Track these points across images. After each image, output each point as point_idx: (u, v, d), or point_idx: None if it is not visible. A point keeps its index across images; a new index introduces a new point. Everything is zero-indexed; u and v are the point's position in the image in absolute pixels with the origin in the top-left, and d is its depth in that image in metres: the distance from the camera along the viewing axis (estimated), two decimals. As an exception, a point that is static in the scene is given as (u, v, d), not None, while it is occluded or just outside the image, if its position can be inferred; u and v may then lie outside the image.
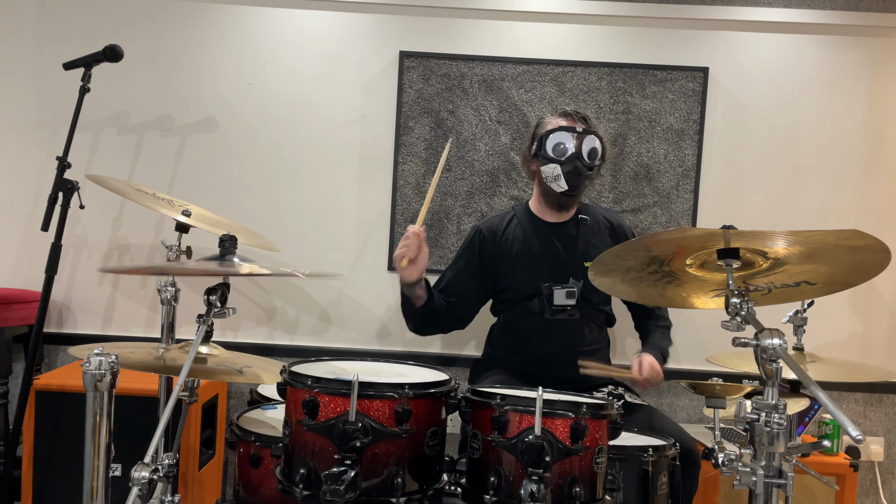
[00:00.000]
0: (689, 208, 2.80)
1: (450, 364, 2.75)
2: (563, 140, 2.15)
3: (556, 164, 2.15)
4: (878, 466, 2.86)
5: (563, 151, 2.14)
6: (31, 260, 2.77)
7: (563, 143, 2.14)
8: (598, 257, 1.53)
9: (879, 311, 2.83)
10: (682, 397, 2.85)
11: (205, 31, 2.80)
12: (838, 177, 2.81)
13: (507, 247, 2.27)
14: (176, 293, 2.05)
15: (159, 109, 2.80)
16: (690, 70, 2.78)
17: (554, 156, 2.15)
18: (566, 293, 2.18)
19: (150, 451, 1.30)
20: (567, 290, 2.18)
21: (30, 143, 2.78)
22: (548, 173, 2.18)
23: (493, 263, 2.28)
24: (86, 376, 1.25)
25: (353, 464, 1.36)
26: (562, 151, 2.15)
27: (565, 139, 2.14)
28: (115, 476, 1.99)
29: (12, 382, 2.63)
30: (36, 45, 2.78)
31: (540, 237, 2.26)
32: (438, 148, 2.78)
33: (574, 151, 2.14)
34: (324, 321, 2.84)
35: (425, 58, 2.78)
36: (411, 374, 1.67)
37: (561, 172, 2.15)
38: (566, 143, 2.14)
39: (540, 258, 2.23)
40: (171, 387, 1.97)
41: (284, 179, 2.81)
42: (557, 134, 2.15)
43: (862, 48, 2.79)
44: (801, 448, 1.89)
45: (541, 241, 2.25)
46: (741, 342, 1.33)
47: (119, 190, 2.18)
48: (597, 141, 2.17)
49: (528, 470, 1.35)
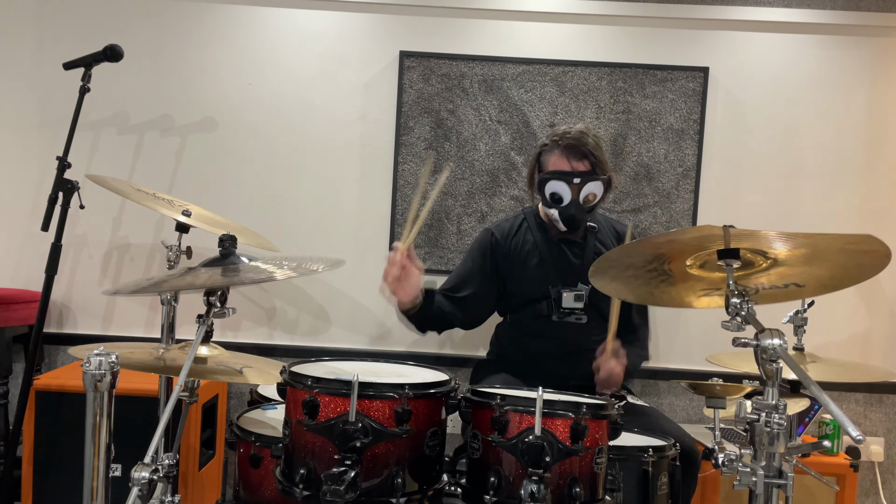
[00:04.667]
0: (689, 208, 2.80)
1: (450, 364, 2.75)
2: (558, 190, 2.13)
3: (554, 209, 2.16)
4: (878, 466, 2.86)
5: (560, 200, 2.14)
6: (31, 260, 2.77)
7: (558, 193, 2.13)
8: (607, 252, 1.54)
9: (880, 310, 2.83)
10: (682, 397, 2.85)
11: (205, 31, 2.80)
12: (838, 177, 2.81)
13: (518, 250, 2.28)
14: (175, 293, 2.05)
15: (159, 109, 2.80)
16: (690, 70, 2.78)
17: (551, 202, 2.15)
18: (575, 296, 2.18)
19: (150, 451, 1.30)
20: (576, 294, 2.18)
21: (30, 143, 2.78)
22: (547, 212, 2.20)
23: (504, 266, 2.29)
24: (86, 376, 1.25)
25: (353, 464, 1.36)
26: (558, 200, 2.14)
27: (561, 190, 2.12)
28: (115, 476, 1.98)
29: (12, 382, 2.63)
30: (36, 45, 2.78)
31: (550, 243, 2.26)
32: (439, 148, 2.79)
33: (570, 200, 2.12)
34: (324, 321, 2.84)
35: (425, 58, 2.78)
36: (411, 375, 1.67)
37: (559, 218, 2.16)
38: (562, 193, 2.12)
39: (549, 263, 2.24)
40: (171, 387, 1.97)
41: (284, 179, 2.81)
42: (552, 184, 2.12)
43: (862, 48, 2.79)
44: (801, 448, 1.89)
45: (550, 247, 2.26)
46: (741, 342, 1.32)
47: (119, 190, 2.18)
48: (596, 185, 2.13)
49: (529, 470, 1.35)
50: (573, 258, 2.25)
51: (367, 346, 2.83)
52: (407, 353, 2.77)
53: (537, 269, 2.24)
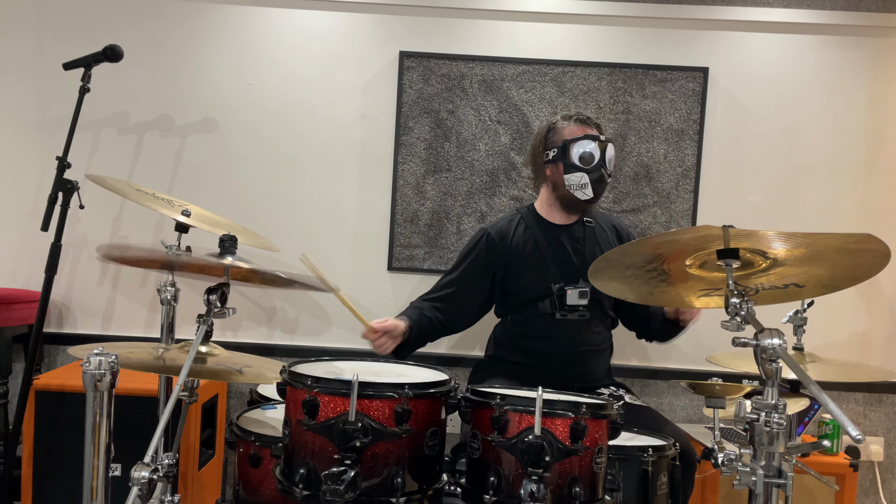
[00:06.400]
0: (688, 208, 2.80)
1: (450, 364, 2.74)
2: (589, 149, 2.14)
3: (583, 172, 2.15)
4: (877, 466, 2.86)
5: (590, 160, 2.14)
6: (31, 260, 2.77)
7: (589, 151, 2.14)
8: (607, 252, 1.54)
9: (880, 310, 2.83)
10: (681, 397, 2.85)
11: (205, 31, 2.80)
12: (838, 177, 2.81)
13: (517, 249, 2.26)
14: (176, 293, 2.05)
15: (159, 109, 2.80)
16: (690, 70, 2.78)
17: (580, 164, 2.15)
18: (579, 293, 2.18)
19: (150, 451, 1.30)
20: (580, 291, 2.18)
21: (30, 143, 2.78)
22: (573, 182, 2.17)
23: (501, 266, 2.27)
24: (86, 376, 1.25)
25: (353, 464, 1.36)
26: (588, 160, 2.14)
27: (591, 148, 2.14)
28: (115, 476, 1.99)
29: (12, 382, 2.63)
30: (36, 45, 2.78)
31: (549, 239, 2.26)
32: (439, 148, 2.78)
33: (599, 160, 2.14)
34: (324, 321, 2.84)
35: (425, 58, 2.78)
36: (411, 374, 1.67)
37: (588, 181, 2.15)
38: (593, 151, 2.14)
39: (550, 260, 2.23)
40: (171, 387, 1.97)
41: (284, 179, 2.81)
42: (583, 142, 2.15)
43: (862, 48, 2.79)
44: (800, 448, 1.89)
45: (550, 243, 2.25)
46: (741, 342, 1.33)
47: (119, 190, 2.18)
48: (614, 149, 2.22)
49: (528, 470, 1.35)
50: (573, 254, 2.24)
51: (367, 346, 2.81)
52: (407, 353, 2.76)
53: (538, 266, 2.23)
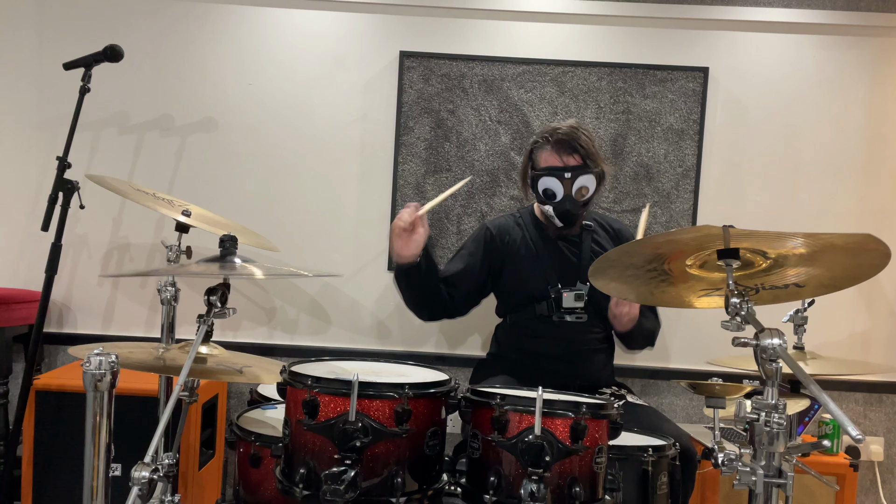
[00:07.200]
0: (689, 208, 2.80)
1: (450, 364, 2.75)
2: (550, 186, 2.14)
3: (548, 205, 2.17)
4: (877, 466, 2.86)
5: (553, 197, 2.15)
6: (31, 260, 2.77)
7: (550, 188, 2.14)
8: (607, 252, 1.54)
9: (880, 310, 2.83)
10: (682, 397, 2.85)
11: (205, 31, 2.80)
12: (838, 177, 2.81)
13: (514, 249, 2.28)
14: (176, 293, 2.05)
15: (159, 109, 2.80)
16: (690, 70, 2.78)
17: (544, 198, 2.17)
18: (575, 296, 2.19)
19: (150, 450, 1.30)
20: (576, 293, 2.19)
21: (30, 143, 2.78)
22: (542, 209, 2.21)
23: (498, 262, 2.28)
24: (86, 376, 1.25)
25: (353, 464, 1.36)
26: (551, 196, 2.15)
27: (553, 185, 2.13)
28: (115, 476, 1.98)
29: (12, 382, 2.63)
30: (36, 45, 2.78)
31: (546, 242, 2.27)
32: (439, 148, 2.79)
33: (563, 195, 2.13)
34: (324, 321, 2.84)
35: (425, 58, 2.78)
36: (411, 374, 1.67)
37: (553, 213, 2.17)
38: (554, 189, 2.14)
39: (547, 262, 2.24)
40: (171, 387, 1.97)
41: (284, 179, 2.81)
42: (544, 180, 2.14)
43: (862, 48, 2.79)
44: (801, 448, 1.89)
45: (547, 246, 2.26)
46: (741, 342, 1.32)
47: (119, 190, 2.18)
48: (588, 178, 2.14)
49: (528, 470, 1.35)
50: (570, 257, 2.25)
51: (367, 346, 2.83)
52: (407, 353, 2.76)
53: (534, 267, 2.24)
